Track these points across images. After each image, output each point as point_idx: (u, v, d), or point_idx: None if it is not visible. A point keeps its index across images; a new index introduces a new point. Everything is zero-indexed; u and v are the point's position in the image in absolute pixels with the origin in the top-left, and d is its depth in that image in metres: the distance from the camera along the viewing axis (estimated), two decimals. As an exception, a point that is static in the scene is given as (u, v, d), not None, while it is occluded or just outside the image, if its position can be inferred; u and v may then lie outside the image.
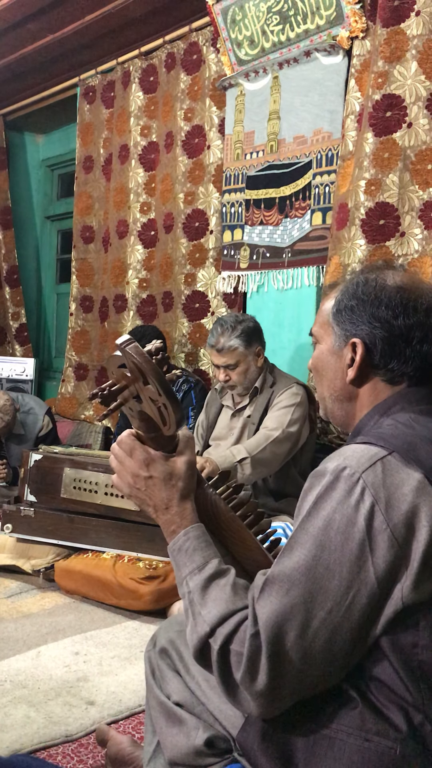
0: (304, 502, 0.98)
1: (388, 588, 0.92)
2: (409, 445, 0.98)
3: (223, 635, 0.95)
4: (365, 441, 0.99)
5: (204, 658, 0.98)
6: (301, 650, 0.91)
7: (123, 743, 1.56)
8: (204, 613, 0.98)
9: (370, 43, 2.91)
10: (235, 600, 0.98)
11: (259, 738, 1.00)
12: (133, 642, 2.35)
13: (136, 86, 4.07)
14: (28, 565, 2.89)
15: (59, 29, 4.02)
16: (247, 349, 2.79)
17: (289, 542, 0.97)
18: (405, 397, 1.10)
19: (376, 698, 0.94)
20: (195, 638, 0.98)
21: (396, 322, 1.10)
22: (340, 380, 1.15)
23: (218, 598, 0.98)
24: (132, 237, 4.13)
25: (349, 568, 0.92)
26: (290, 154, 3.29)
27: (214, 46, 3.61)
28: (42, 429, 3.74)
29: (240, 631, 0.94)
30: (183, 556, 1.05)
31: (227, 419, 2.96)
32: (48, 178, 5.52)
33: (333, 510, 0.94)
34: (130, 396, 1.05)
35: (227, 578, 1.01)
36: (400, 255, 2.78)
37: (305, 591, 0.92)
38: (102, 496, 2.75)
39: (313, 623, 0.91)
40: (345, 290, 1.16)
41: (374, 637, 0.93)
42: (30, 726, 1.80)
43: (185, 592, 1.03)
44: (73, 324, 4.58)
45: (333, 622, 0.91)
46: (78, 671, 2.13)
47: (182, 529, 1.07)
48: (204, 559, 1.03)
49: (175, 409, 0.99)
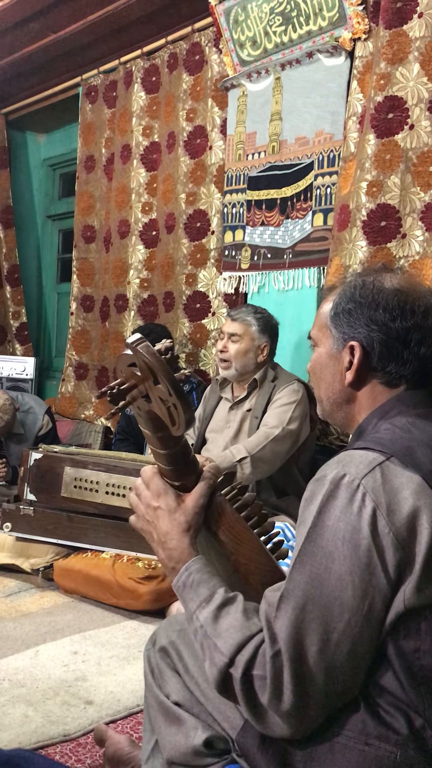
0: (307, 512, 0.98)
1: (395, 591, 0.92)
2: (407, 450, 0.98)
3: (243, 663, 0.93)
4: (363, 446, 0.99)
5: (227, 689, 0.96)
6: (323, 664, 0.90)
7: (121, 743, 1.56)
8: (220, 644, 0.96)
9: (372, 44, 2.92)
10: (249, 625, 0.96)
11: (259, 739, 1.00)
12: (131, 642, 2.35)
13: (138, 86, 4.07)
14: (27, 564, 2.89)
15: (61, 29, 4.02)
16: (258, 334, 2.86)
17: (298, 556, 0.96)
18: (402, 401, 1.10)
19: (376, 702, 0.94)
20: (215, 671, 0.96)
21: (393, 324, 1.10)
22: (338, 383, 1.16)
23: (231, 627, 0.97)
24: (133, 237, 4.14)
25: (361, 575, 0.91)
26: (292, 155, 3.29)
27: (217, 46, 3.61)
28: (42, 428, 3.74)
29: (259, 655, 0.93)
30: (188, 591, 1.04)
31: (225, 412, 2.97)
32: (49, 178, 5.52)
33: (337, 519, 0.94)
34: (139, 395, 1.05)
35: (236, 605, 1.00)
36: (402, 257, 2.79)
37: (321, 605, 0.91)
38: (103, 495, 2.75)
39: (333, 636, 0.91)
40: (342, 293, 1.16)
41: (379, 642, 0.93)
42: (28, 725, 1.80)
43: (197, 627, 1.01)
44: (73, 323, 4.58)
45: (353, 633, 0.91)
46: (76, 671, 2.13)
47: (182, 565, 1.07)
48: (210, 590, 1.02)
49: (185, 410, 0.99)
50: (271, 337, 2.90)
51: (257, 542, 1.17)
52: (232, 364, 2.85)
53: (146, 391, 1.03)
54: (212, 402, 3.04)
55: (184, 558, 1.07)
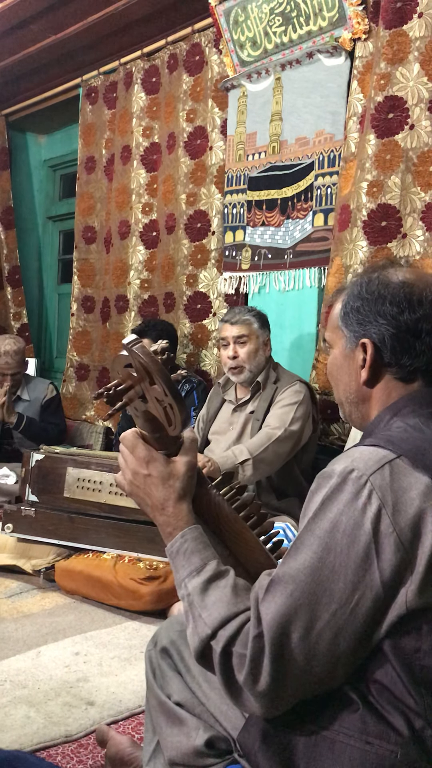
0: (311, 503, 0.98)
1: (393, 592, 0.92)
2: (417, 449, 0.97)
3: (225, 637, 0.95)
4: (374, 443, 0.99)
5: (206, 660, 0.98)
6: (304, 651, 0.91)
7: (123, 743, 1.56)
8: (204, 615, 0.98)
9: (372, 44, 2.92)
10: (236, 602, 0.97)
11: (260, 739, 1.00)
12: (133, 642, 2.35)
13: (138, 87, 4.07)
14: (29, 565, 2.89)
15: (62, 30, 4.02)
16: (260, 330, 2.86)
17: (294, 543, 0.96)
18: (415, 400, 1.09)
19: (377, 702, 0.94)
20: (196, 640, 0.98)
21: (402, 317, 1.09)
22: (354, 382, 1.15)
23: (219, 600, 0.98)
24: (134, 238, 4.14)
25: (355, 570, 0.91)
26: (292, 155, 3.29)
27: (217, 47, 3.61)
28: (46, 396, 3.91)
29: (242, 633, 0.94)
30: (181, 558, 1.05)
31: (228, 414, 2.96)
32: (50, 179, 5.52)
33: (340, 512, 0.94)
34: (136, 396, 1.05)
35: (227, 579, 1.01)
36: (402, 257, 2.78)
37: (310, 593, 0.92)
38: (106, 495, 2.76)
39: (317, 625, 0.91)
40: (350, 292, 1.16)
41: (377, 641, 0.93)
42: (30, 726, 1.80)
43: (184, 595, 1.02)
44: (74, 324, 4.58)
45: (337, 624, 0.91)
46: (78, 671, 2.13)
47: (179, 531, 1.07)
48: (202, 561, 1.03)
49: (180, 410, 0.99)
50: (268, 328, 2.94)
51: (256, 542, 1.17)
52: (245, 368, 2.83)
53: (143, 392, 1.03)
54: (215, 404, 3.04)
55: (181, 525, 1.07)
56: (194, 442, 1.12)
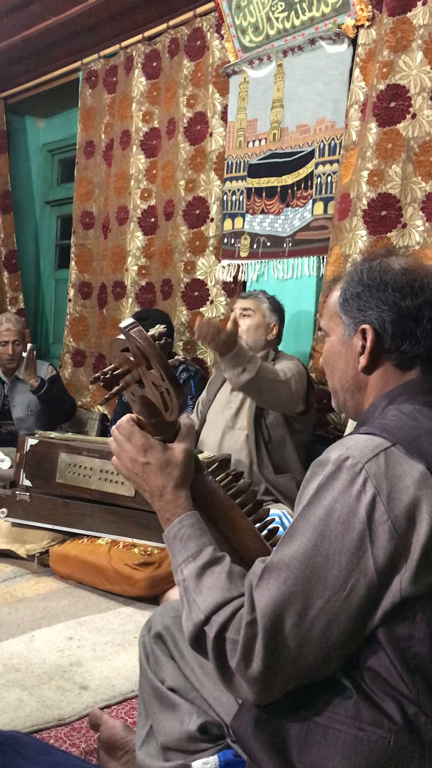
0: (305, 491, 0.98)
1: (387, 580, 0.92)
2: (412, 438, 0.97)
3: (218, 623, 0.95)
4: (369, 431, 0.99)
5: (200, 645, 0.98)
6: (297, 638, 0.91)
7: (116, 727, 1.57)
8: (199, 600, 0.98)
9: (375, 32, 2.89)
10: (231, 588, 0.98)
11: (253, 725, 1.01)
12: (127, 628, 2.35)
13: (138, 71, 4.04)
14: (23, 549, 2.90)
15: (62, 12, 3.97)
16: (269, 312, 2.95)
17: (289, 530, 0.97)
18: (411, 388, 1.09)
19: (370, 689, 0.95)
20: (190, 625, 0.98)
21: (404, 303, 1.09)
22: (351, 370, 1.14)
23: (213, 586, 0.98)
24: (132, 224, 4.11)
25: (349, 558, 0.92)
26: (293, 143, 3.27)
27: (219, 32, 3.58)
28: (47, 375, 3.98)
29: (236, 619, 0.94)
30: (177, 543, 1.05)
31: (227, 394, 3.00)
32: (48, 163, 5.48)
33: (334, 500, 0.94)
34: (133, 380, 1.05)
35: (222, 566, 1.01)
36: (402, 246, 2.78)
37: (304, 580, 0.92)
38: (96, 481, 2.75)
39: (311, 612, 0.91)
40: (350, 279, 1.15)
41: (371, 628, 0.94)
42: (23, 709, 1.81)
43: (180, 580, 1.03)
44: (71, 310, 4.57)
45: (331, 612, 0.91)
46: (71, 656, 2.13)
47: (176, 517, 1.07)
48: (198, 546, 1.03)
49: (177, 395, 0.99)
50: (279, 319, 2.99)
51: (251, 529, 1.17)
52: (242, 339, 2.84)
53: (139, 377, 1.03)
54: (216, 385, 3.08)
55: (179, 511, 1.08)
56: (191, 428, 1.12)
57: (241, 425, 2.89)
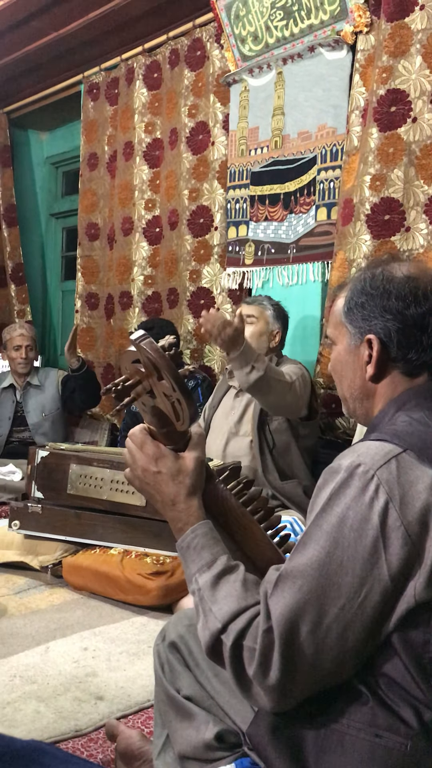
0: (318, 498, 0.98)
1: (402, 585, 0.92)
2: (423, 443, 0.98)
3: (235, 631, 0.95)
4: (380, 438, 0.99)
5: (216, 655, 0.98)
6: (313, 645, 0.92)
7: (132, 737, 1.57)
8: (215, 609, 0.98)
9: (374, 37, 2.91)
10: (246, 596, 0.98)
11: (270, 732, 1.01)
12: (141, 637, 2.36)
13: (139, 83, 4.07)
14: (36, 561, 2.91)
15: (63, 27, 4.02)
16: (272, 318, 2.96)
17: (302, 538, 0.97)
18: (420, 393, 1.09)
19: (386, 695, 0.95)
20: (207, 634, 0.98)
21: (408, 311, 1.09)
22: (359, 378, 1.15)
23: (229, 595, 0.99)
24: (137, 234, 4.14)
25: (362, 564, 0.92)
26: (295, 149, 3.29)
27: (218, 42, 3.60)
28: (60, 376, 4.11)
29: (252, 627, 0.95)
30: (191, 553, 1.05)
31: (231, 399, 3.01)
32: (52, 176, 5.52)
33: (347, 507, 0.94)
34: (144, 391, 1.06)
35: (236, 574, 1.02)
36: (406, 250, 2.78)
37: (318, 587, 0.92)
38: (108, 492, 2.76)
39: (326, 619, 0.92)
40: (353, 288, 1.15)
41: (386, 634, 0.94)
42: (40, 721, 1.81)
43: (195, 589, 1.03)
44: (78, 321, 4.59)
45: (345, 618, 0.92)
46: (87, 667, 2.14)
47: (189, 527, 1.07)
48: (213, 555, 1.04)
49: (189, 405, 0.99)
50: (283, 325, 3.00)
51: (264, 536, 1.18)
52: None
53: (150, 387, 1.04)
54: (221, 392, 3.09)
55: (192, 520, 1.08)
56: (202, 437, 1.13)
57: (245, 431, 2.90)
